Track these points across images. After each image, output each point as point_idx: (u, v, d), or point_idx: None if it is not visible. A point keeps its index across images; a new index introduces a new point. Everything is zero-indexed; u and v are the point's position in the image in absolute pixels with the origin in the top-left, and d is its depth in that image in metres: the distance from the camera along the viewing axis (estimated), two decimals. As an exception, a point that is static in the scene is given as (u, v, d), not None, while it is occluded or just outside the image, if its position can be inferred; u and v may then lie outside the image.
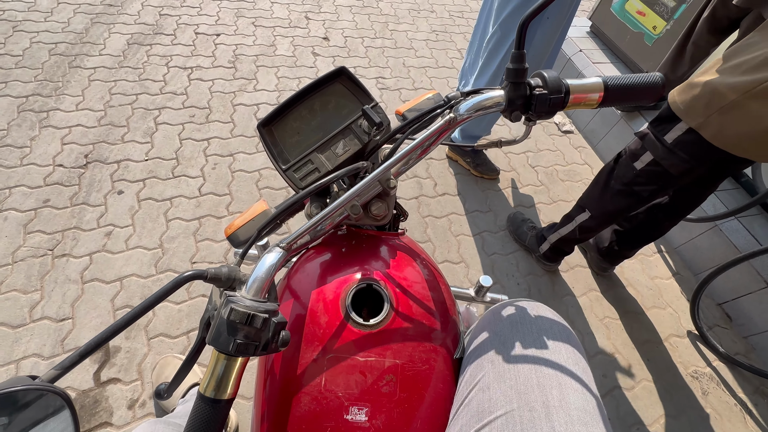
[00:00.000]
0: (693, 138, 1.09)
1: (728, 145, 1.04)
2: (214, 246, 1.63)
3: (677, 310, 1.76)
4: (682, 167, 1.14)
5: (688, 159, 1.12)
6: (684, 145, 1.11)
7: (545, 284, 1.75)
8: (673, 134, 1.13)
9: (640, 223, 1.53)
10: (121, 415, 1.22)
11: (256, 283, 0.42)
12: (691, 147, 1.10)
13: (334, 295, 0.54)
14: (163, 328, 1.39)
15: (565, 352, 0.49)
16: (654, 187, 1.25)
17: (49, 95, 2.04)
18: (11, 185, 1.67)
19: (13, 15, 2.42)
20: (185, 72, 2.32)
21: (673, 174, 1.17)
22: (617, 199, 1.35)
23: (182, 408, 0.96)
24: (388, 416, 0.47)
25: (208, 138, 2.02)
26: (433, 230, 1.86)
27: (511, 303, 0.58)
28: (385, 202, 0.60)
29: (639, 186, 1.27)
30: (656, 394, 1.50)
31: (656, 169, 1.20)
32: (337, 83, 0.60)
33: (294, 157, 0.57)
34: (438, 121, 0.52)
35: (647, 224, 1.51)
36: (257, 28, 2.75)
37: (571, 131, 2.51)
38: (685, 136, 1.10)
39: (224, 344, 0.37)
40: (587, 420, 0.41)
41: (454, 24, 3.24)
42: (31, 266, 1.46)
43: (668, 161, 1.16)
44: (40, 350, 1.29)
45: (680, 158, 1.13)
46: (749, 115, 0.98)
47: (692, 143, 1.09)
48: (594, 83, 0.51)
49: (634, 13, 2.37)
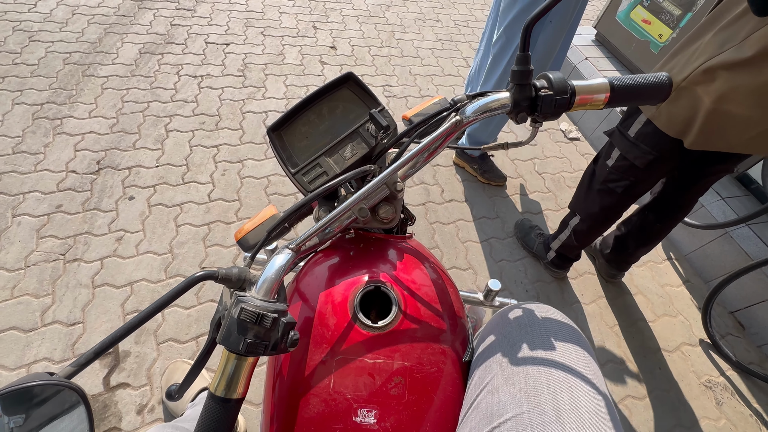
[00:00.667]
0: (651, 129, 1.14)
1: (678, 133, 1.09)
2: (223, 251, 1.65)
3: (688, 318, 1.73)
4: (646, 159, 1.18)
5: (650, 150, 1.16)
6: (645, 137, 1.16)
7: (554, 291, 1.74)
8: (635, 127, 1.18)
9: (634, 226, 1.53)
10: (130, 420, 1.22)
11: (266, 283, 0.42)
12: (651, 138, 1.15)
13: (343, 297, 0.54)
14: (172, 333, 1.40)
15: (575, 354, 0.48)
16: (626, 182, 1.28)
17: (63, 103, 2.09)
18: (25, 191, 1.71)
19: (30, 25, 2.49)
20: (195, 80, 2.37)
21: (639, 167, 1.21)
22: (598, 199, 1.39)
23: (191, 412, 0.97)
24: (397, 419, 0.47)
25: (217, 145, 2.05)
26: (441, 237, 1.86)
27: (519, 306, 0.58)
28: (393, 205, 0.60)
29: (613, 183, 1.32)
30: (669, 403, 1.47)
31: (624, 164, 1.25)
32: (344, 88, 0.61)
33: (302, 161, 0.58)
34: (444, 124, 0.53)
35: (640, 227, 1.51)
36: (266, 37, 2.80)
37: (577, 138, 2.51)
38: (645, 128, 1.15)
39: (234, 343, 0.38)
40: (599, 424, 0.41)
41: (459, 33, 3.27)
42: (43, 270, 1.49)
43: (632, 154, 1.20)
44: (51, 354, 1.30)
45: (642, 150, 1.17)
46: (690, 100, 1.03)
47: (651, 134, 1.14)
48: (600, 84, 0.51)
49: (639, 22, 2.38)
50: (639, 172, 1.23)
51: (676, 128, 1.10)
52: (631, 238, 1.56)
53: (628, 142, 1.21)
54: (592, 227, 1.48)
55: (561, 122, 2.60)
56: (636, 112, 1.19)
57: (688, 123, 1.06)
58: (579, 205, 1.50)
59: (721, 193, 1.89)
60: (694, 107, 1.04)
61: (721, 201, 1.86)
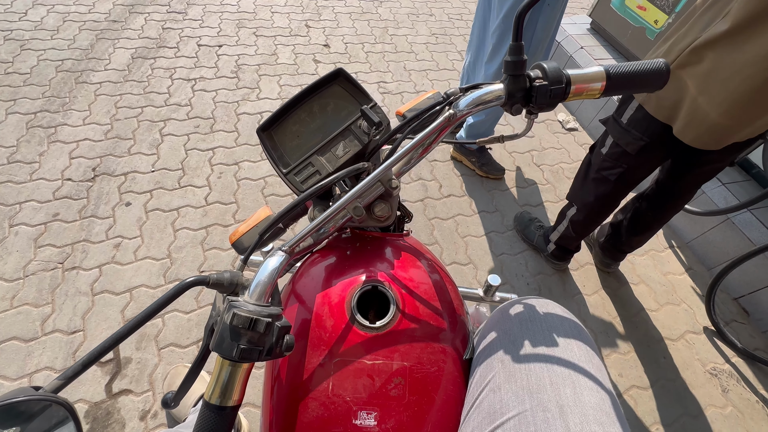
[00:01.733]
0: (642, 114, 1.15)
1: (666, 118, 1.10)
2: (222, 254, 1.64)
3: (692, 306, 1.72)
4: (637, 145, 1.19)
5: (641, 136, 1.17)
6: (636, 123, 1.17)
7: (555, 283, 1.73)
8: (628, 113, 1.19)
9: (627, 214, 1.53)
10: (133, 426, 1.22)
11: (258, 287, 0.41)
12: (642, 123, 1.16)
13: (339, 298, 0.53)
14: (173, 338, 1.39)
15: (577, 349, 0.47)
16: (620, 169, 1.28)
17: (56, 111, 2.08)
18: (21, 200, 1.70)
19: (21, 34, 2.48)
20: (189, 83, 2.35)
21: (631, 153, 1.22)
22: (593, 187, 1.39)
23: (193, 417, 0.96)
24: (397, 420, 0.46)
25: (213, 148, 2.04)
26: (440, 232, 1.84)
27: (520, 301, 0.57)
28: (388, 203, 0.59)
29: (606, 170, 1.32)
30: (674, 392, 1.46)
31: (617, 150, 1.26)
32: (335, 85, 0.59)
33: (294, 161, 0.57)
34: (438, 119, 0.52)
35: (633, 215, 1.51)
36: (258, 38, 2.78)
37: (575, 128, 2.49)
38: (636, 114, 1.17)
39: (228, 350, 0.37)
40: (603, 419, 0.40)
41: (453, 27, 3.25)
42: (42, 280, 1.48)
43: (624, 140, 1.21)
44: (52, 363, 1.30)
45: (634, 136, 1.19)
46: (678, 83, 1.03)
47: (642, 119, 1.15)
48: (595, 72, 0.50)
49: (634, 8, 2.35)
50: (631, 158, 1.23)
51: (664, 113, 1.10)
52: (624, 226, 1.55)
53: (620, 128, 1.21)
54: (589, 217, 1.47)
55: (558, 113, 2.59)
56: (630, 98, 1.19)
57: (675, 108, 1.07)
58: (575, 195, 1.50)
59: (722, 178, 1.87)
60: (681, 91, 1.04)
61: (722, 187, 1.85)
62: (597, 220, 1.50)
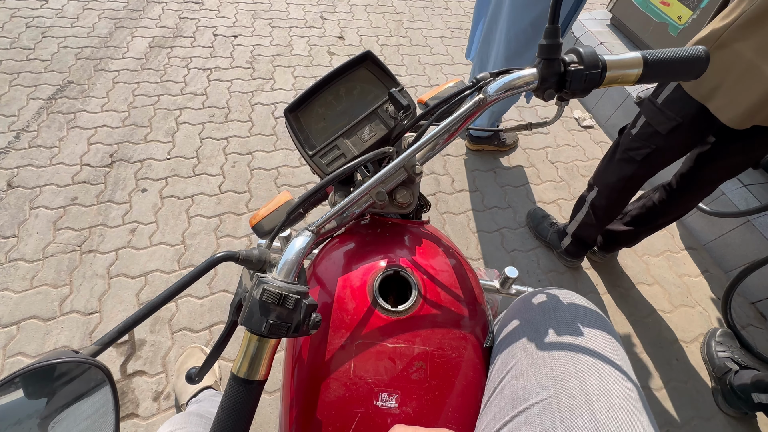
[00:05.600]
0: (679, 94, 1.13)
1: (703, 97, 1.08)
2: (235, 242, 1.65)
3: (707, 308, 1.70)
4: (669, 125, 1.18)
5: (674, 116, 1.16)
6: (672, 103, 1.16)
7: (568, 281, 1.71)
8: (664, 94, 1.18)
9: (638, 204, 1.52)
10: (147, 406, 1.24)
11: (287, 265, 0.42)
12: (678, 103, 1.15)
13: (361, 281, 0.54)
14: (186, 323, 1.41)
15: (602, 339, 0.47)
16: (647, 149, 1.27)
17: (76, 97, 2.11)
18: (41, 184, 1.73)
19: (42, 21, 2.51)
20: (205, 73, 2.37)
21: (662, 133, 1.21)
22: (617, 168, 1.38)
23: (195, 407, 0.97)
24: (418, 403, 0.46)
25: (227, 137, 2.05)
26: (452, 227, 1.84)
27: (542, 291, 0.56)
28: (410, 189, 0.59)
29: (633, 150, 1.31)
30: (687, 395, 1.44)
31: (648, 131, 1.25)
32: (362, 68, 0.59)
33: (320, 143, 0.57)
34: (467, 103, 0.51)
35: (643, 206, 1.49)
36: (274, 29, 2.79)
37: (591, 126, 2.45)
38: (673, 94, 1.15)
39: (257, 324, 0.37)
40: (630, 408, 0.39)
41: (469, 21, 3.21)
42: (60, 261, 1.51)
43: (657, 119, 1.21)
44: (70, 342, 1.33)
45: (667, 116, 1.18)
46: (718, 64, 1.01)
47: (678, 99, 1.14)
48: (632, 58, 0.48)
49: (657, 3, 2.30)
50: (660, 138, 1.22)
51: (701, 92, 1.08)
52: (630, 214, 1.54)
53: (655, 108, 1.21)
54: (609, 198, 1.45)
55: (574, 110, 2.55)
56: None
57: (716, 87, 1.05)
58: (598, 176, 1.48)
59: (743, 180, 1.83)
60: (727, 67, 1.01)
61: (743, 188, 1.81)
62: (618, 204, 1.47)
